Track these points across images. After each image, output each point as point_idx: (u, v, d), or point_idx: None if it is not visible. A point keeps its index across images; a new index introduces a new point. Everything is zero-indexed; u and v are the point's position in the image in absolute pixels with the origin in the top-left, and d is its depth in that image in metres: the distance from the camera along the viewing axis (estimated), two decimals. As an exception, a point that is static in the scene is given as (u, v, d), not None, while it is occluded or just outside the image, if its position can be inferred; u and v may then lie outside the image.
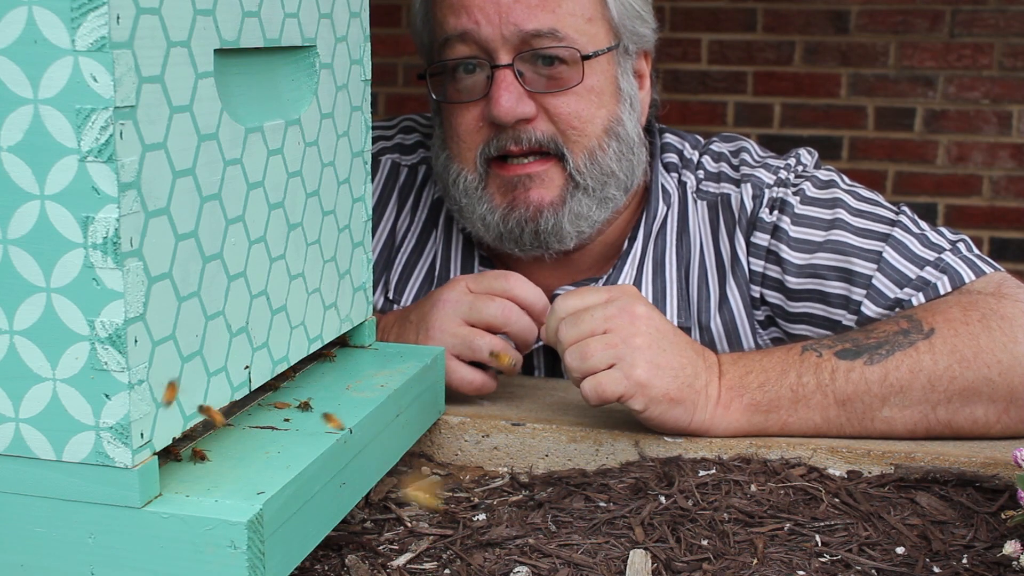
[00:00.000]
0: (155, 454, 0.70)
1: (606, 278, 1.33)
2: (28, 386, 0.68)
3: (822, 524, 0.90)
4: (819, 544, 0.87)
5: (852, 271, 1.23)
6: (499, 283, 1.12)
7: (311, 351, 0.93)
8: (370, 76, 1.00)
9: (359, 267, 1.00)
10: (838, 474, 1.00)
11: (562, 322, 1.04)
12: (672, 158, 1.37)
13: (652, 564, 0.83)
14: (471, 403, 1.12)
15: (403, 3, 3.60)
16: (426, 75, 1.30)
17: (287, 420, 0.84)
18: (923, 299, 1.18)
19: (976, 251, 1.22)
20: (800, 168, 1.31)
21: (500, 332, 1.12)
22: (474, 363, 1.12)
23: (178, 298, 0.72)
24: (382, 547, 0.87)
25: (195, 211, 0.73)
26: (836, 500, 0.93)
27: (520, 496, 0.97)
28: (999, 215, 3.40)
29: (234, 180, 0.78)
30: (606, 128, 1.26)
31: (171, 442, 0.73)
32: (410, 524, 0.91)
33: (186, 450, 0.76)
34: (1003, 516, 0.90)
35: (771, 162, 1.33)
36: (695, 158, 1.37)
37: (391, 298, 1.39)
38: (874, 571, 0.83)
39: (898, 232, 1.23)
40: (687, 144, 1.39)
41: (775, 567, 0.83)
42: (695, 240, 1.33)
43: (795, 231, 1.26)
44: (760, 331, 1.31)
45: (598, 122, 1.25)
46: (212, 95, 0.74)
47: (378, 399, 0.90)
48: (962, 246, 1.22)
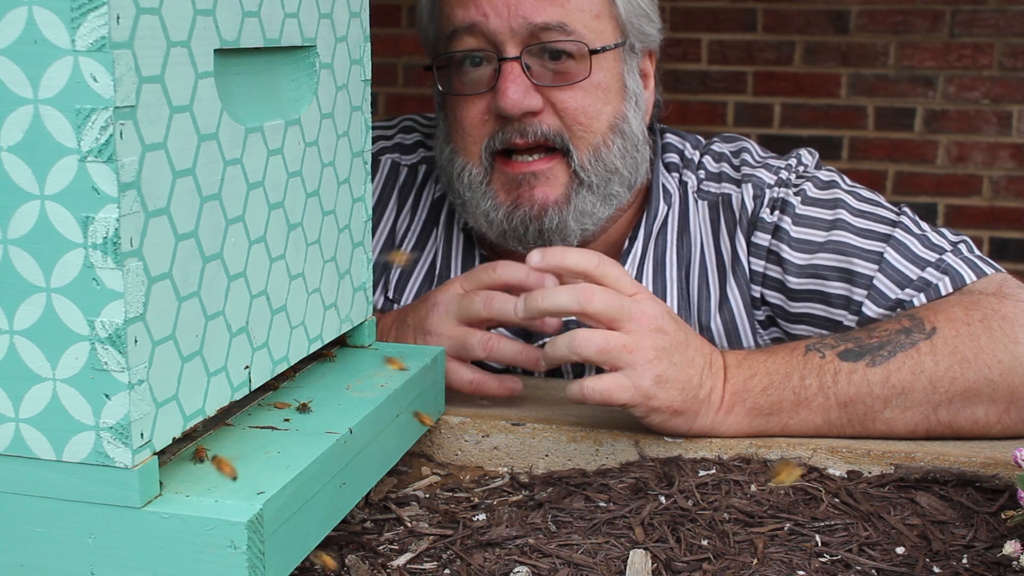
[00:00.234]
0: (155, 454, 0.70)
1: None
2: (28, 386, 0.68)
3: (822, 524, 0.89)
4: (819, 544, 0.87)
5: (853, 272, 1.23)
6: (487, 275, 1.11)
7: (311, 351, 0.93)
8: (370, 76, 1.00)
9: (359, 267, 1.00)
10: (838, 474, 1.00)
11: (597, 290, 1.00)
12: (673, 158, 1.37)
13: (652, 564, 0.83)
14: (471, 403, 1.11)
15: (403, 3, 3.60)
16: (432, 68, 1.30)
17: (287, 420, 0.84)
18: (924, 300, 1.18)
19: (977, 252, 1.22)
20: (801, 168, 1.31)
21: (495, 324, 1.12)
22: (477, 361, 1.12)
23: (178, 298, 0.72)
24: (382, 547, 0.87)
25: (195, 211, 0.73)
26: (836, 500, 0.93)
27: (520, 496, 0.97)
28: (999, 215, 3.40)
29: (234, 180, 0.78)
30: (611, 125, 1.26)
31: (171, 442, 0.73)
32: (410, 524, 0.91)
33: (187, 450, 0.76)
34: (1003, 516, 0.89)
35: (772, 162, 1.33)
36: (696, 158, 1.37)
37: (391, 298, 1.39)
38: (874, 571, 0.83)
39: (899, 233, 1.23)
40: (688, 144, 1.39)
41: (775, 567, 0.83)
42: (696, 240, 1.33)
43: (796, 231, 1.26)
44: (760, 331, 1.31)
45: (604, 118, 1.25)
46: (212, 95, 0.74)
47: (378, 399, 0.90)
48: (963, 247, 1.22)
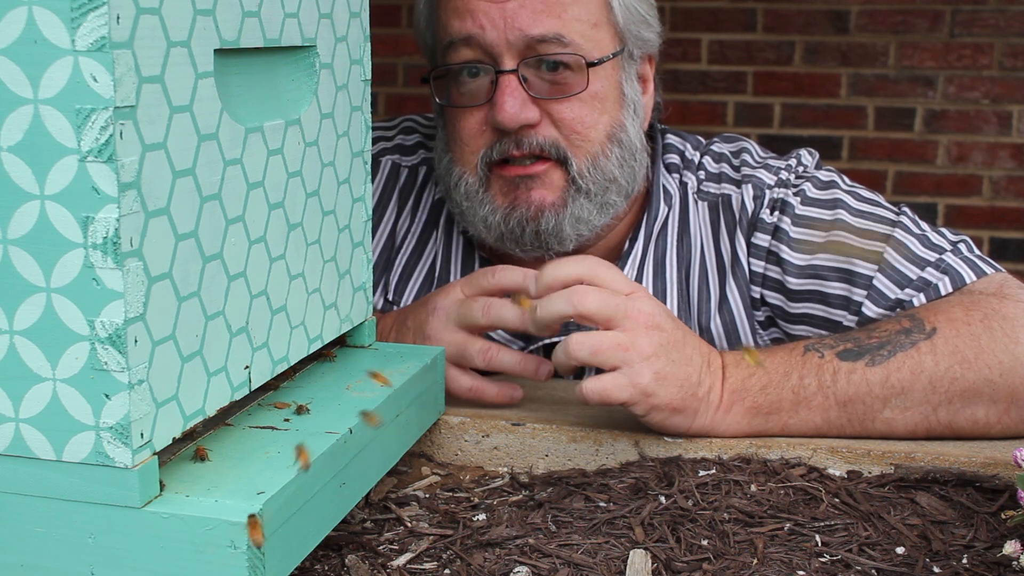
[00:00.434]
0: (155, 454, 0.70)
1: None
2: (28, 386, 0.68)
3: (822, 524, 0.89)
4: (819, 544, 0.87)
5: (853, 272, 1.23)
6: (486, 280, 1.11)
7: (311, 351, 0.93)
8: (370, 76, 0.99)
9: (359, 267, 1.00)
10: (838, 474, 1.00)
11: (591, 291, 1.01)
12: (673, 159, 1.37)
13: (652, 564, 0.83)
14: (471, 403, 1.11)
15: (403, 3, 3.60)
16: (429, 78, 1.30)
17: (287, 420, 0.84)
18: (924, 300, 1.18)
19: (977, 252, 1.22)
20: (801, 169, 1.31)
21: (494, 330, 1.12)
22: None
23: (178, 298, 0.72)
24: (382, 547, 0.87)
25: (195, 211, 0.73)
26: (836, 500, 0.93)
27: (520, 496, 0.97)
28: (999, 215, 3.40)
29: (234, 180, 0.78)
30: (609, 134, 1.26)
31: (171, 442, 0.73)
32: (410, 524, 0.91)
33: (187, 450, 0.76)
34: (1003, 516, 0.89)
35: (772, 163, 1.33)
36: (696, 159, 1.37)
37: (391, 299, 1.39)
38: (874, 571, 0.83)
39: (899, 233, 1.23)
40: (688, 145, 1.39)
41: (775, 567, 0.83)
42: (696, 241, 1.33)
43: (796, 232, 1.26)
44: (760, 332, 1.31)
45: (601, 128, 1.25)
46: (212, 95, 0.74)
47: (378, 399, 0.90)
48: (963, 247, 1.22)
